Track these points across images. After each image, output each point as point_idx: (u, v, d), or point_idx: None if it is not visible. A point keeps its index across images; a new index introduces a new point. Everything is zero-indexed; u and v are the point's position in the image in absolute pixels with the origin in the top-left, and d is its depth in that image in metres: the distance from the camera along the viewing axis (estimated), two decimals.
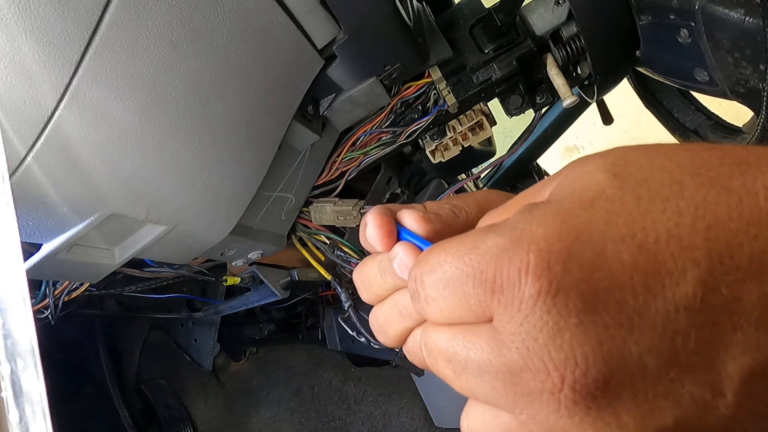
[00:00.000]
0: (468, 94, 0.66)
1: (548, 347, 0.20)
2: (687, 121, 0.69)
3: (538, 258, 0.20)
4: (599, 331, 0.20)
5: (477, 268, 0.22)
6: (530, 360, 0.20)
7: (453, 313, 0.23)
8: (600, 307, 0.20)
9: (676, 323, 0.20)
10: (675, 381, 0.20)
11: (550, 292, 0.20)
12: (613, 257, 0.20)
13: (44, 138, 0.40)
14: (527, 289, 0.20)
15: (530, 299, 0.20)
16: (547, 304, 0.20)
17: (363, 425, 1.20)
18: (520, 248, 0.21)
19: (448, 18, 0.66)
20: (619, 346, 0.20)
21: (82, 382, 1.13)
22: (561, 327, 0.20)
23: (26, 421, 0.27)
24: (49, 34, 0.37)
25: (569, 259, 0.20)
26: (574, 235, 0.21)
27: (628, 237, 0.20)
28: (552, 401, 0.20)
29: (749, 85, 0.48)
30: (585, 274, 0.20)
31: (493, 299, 0.21)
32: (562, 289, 0.20)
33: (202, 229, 0.61)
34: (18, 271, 0.29)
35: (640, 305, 0.20)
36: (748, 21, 0.44)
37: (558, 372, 0.20)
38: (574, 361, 0.20)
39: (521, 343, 0.21)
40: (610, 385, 0.20)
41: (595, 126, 0.91)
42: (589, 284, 0.20)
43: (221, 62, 0.47)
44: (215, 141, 0.52)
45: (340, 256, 0.77)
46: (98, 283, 0.65)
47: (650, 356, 0.20)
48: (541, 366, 0.20)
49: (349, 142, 0.73)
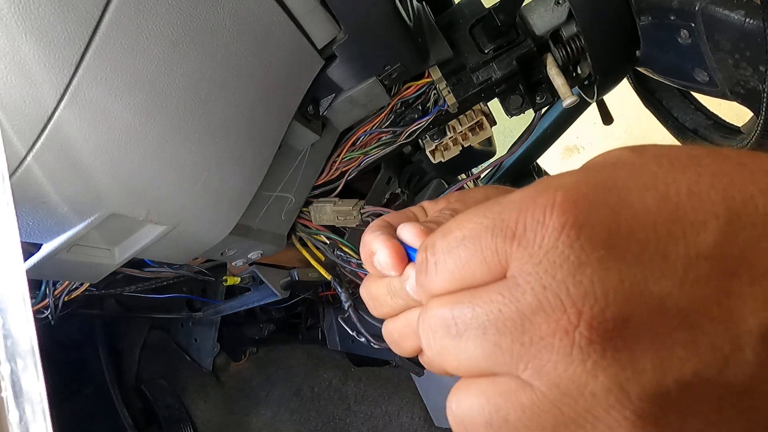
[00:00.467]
0: (468, 94, 0.66)
1: (567, 283, 0.19)
2: (686, 121, 0.69)
3: (565, 196, 0.20)
4: (621, 269, 0.19)
5: (498, 218, 0.21)
6: (545, 299, 0.20)
7: (463, 273, 0.22)
8: (623, 244, 0.20)
9: (697, 269, 0.19)
10: (695, 328, 0.19)
11: (576, 225, 0.20)
12: (637, 202, 0.20)
13: (44, 138, 0.40)
14: (551, 223, 0.20)
15: (554, 233, 0.20)
16: (571, 237, 0.20)
17: (363, 425, 1.20)
18: (547, 192, 0.21)
19: (448, 18, 0.66)
20: (640, 285, 0.19)
21: (82, 382, 1.13)
22: (582, 261, 0.19)
23: (26, 421, 0.27)
24: (49, 34, 0.37)
25: (595, 200, 0.20)
26: (600, 181, 0.21)
27: (651, 187, 0.21)
28: (564, 343, 0.19)
29: (749, 86, 0.48)
30: (611, 212, 0.20)
31: (512, 244, 0.21)
32: (588, 224, 0.20)
33: (202, 229, 0.61)
34: (18, 271, 0.29)
35: (662, 248, 0.20)
36: (748, 22, 0.44)
37: (575, 308, 0.19)
38: (594, 296, 0.19)
39: (538, 282, 0.20)
40: (630, 324, 0.19)
41: (595, 126, 0.91)
42: (615, 222, 0.20)
43: (221, 62, 0.47)
44: (215, 141, 0.52)
45: (340, 256, 0.77)
46: (98, 283, 0.65)
47: (671, 299, 0.19)
48: (557, 304, 0.19)
49: (349, 142, 0.73)
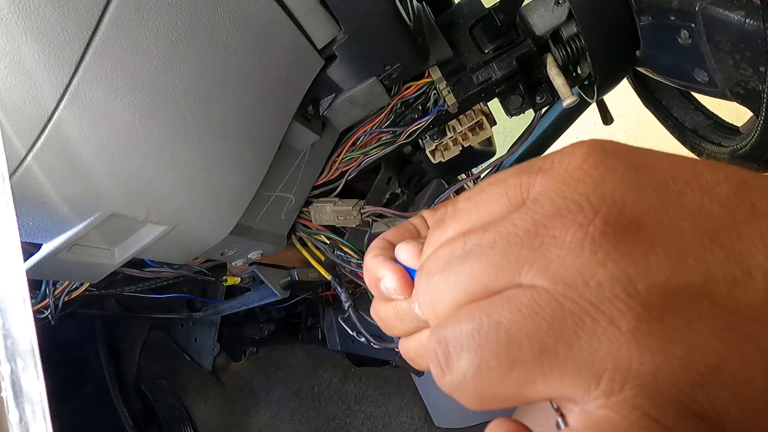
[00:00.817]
0: (468, 94, 0.66)
1: (588, 193, 0.21)
2: (686, 121, 0.69)
3: (593, 140, 0.23)
4: (641, 188, 0.21)
5: (527, 165, 0.23)
6: (564, 205, 0.21)
7: (486, 209, 0.24)
8: (644, 172, 0.21)
9: (710, 206, 0.21)
10: (706, 249, 0.20)
11: (603, 152, 0.22)
12: (657, 158, 0.23)
13: (44, 138, 0.40)
14: (579, 152, 0.22)
15: (580, 158, 0.22)
16: (597, 160, 0.22)
17: (363, 425, 1.20)
18: (574, 145, 0.23)
19: (448, 18, 0.66)
20: (656, 204, 0.21)
21: (82, 382, 1.13)
22: (605, 178, 0.21)
23: (26, 421, 0.27)
24: (49, 34, 0.37)
25: (622, 146, 0.23)
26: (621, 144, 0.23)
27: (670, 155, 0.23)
28: (577, 236, 0.20)
29: (749, 86, 0.48)
30: (635, 155, 0.22)
31: (537, 176, 0.23)
32: (614, 152, 0.22)
33: (202, 229, 0.61)
34: (18, 271, 0.29)
35: (679, 186, 0.21)
36: (748, 23, 0.44)
37: (593, 208, 0.20)
38: (613, 200, 0.21)
39: (558, 194, 0.21)
40: (645, 225, 0.20)
41: (595, 126, 0.91)
42: (638, 158, 0.22)
43: (221, 62, 0.47)
44: (215, 141, 0.52)
45: (340, 256, 0.77)
46: (98, 283, 0.65)
47: (684, 221, 0.20)
48: (575, 207, 0.21)
49: (349, 142, 0.73)
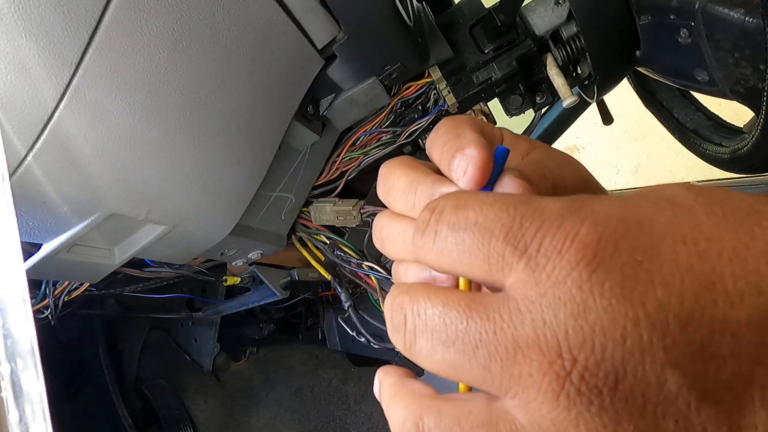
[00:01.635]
0: (468, 94, 0.66)
1: (567, 325, 0.18)
2: (687, 121, 0.69)
3: (591, 228, 0.19)
4: (628, 325, 0.18)
5: (518, 223, 0.20)
6: (544, 335, 0.18)
7: (461, 261, 0.21)
8: (638, 298, 0.18)
9: (717, 347, 0.18)
10: (691, 407, 0.18)
11: (590, 265, 0.18)
12: (668, 255, 0.18)
13: (44, 138, 0.40)
14: (568, 256, 0.19)
15: (566, 266, 0.18)
16: (582, 276, 0.18)
17: (363, 425, 1.20)
18: (576, 216, 0.19)
19: (448, 18, 0.66)
20: (643, 349, 0.18)
21: (82, 382, 1.13)
22: (588, 307, 0.18)
23: (26, 421, 0.27)
24: (49, 34, 0.37)
25: (622, 240, 0.19)
26: (635, 220, 0.19)
27: (690, 241, 0.19)
28: (553, 387, 0.18)
29: (749, 85, 0.48)
30: (634, 260, 0.18)
31: (521, 260, 0.19)
32: (604, 266, 0.18)
33: (202, 229, 0.61)
34: (18, 271, 0.29)
35: (683, 314, 0.18)
36: (748, 21, 0.44)
37: (570, 354, 0.18)
38: (591, 347, 0.18)
39: (539, 314, 0.19)
40: (621, 385, 0.18)
41: (595, 126, 0.91)
42: (635, 271, 0.18)
43: (221, 62, 0.47)
44: (215, 141, 0.52)
45: (340, 256, 0.77)
46: (98, 283, 0.65)
47: (674, 372, 0.18)
48: (554, 345, 0.18)
49: (349, 142, 0.73)
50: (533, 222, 0.20)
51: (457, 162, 0.24)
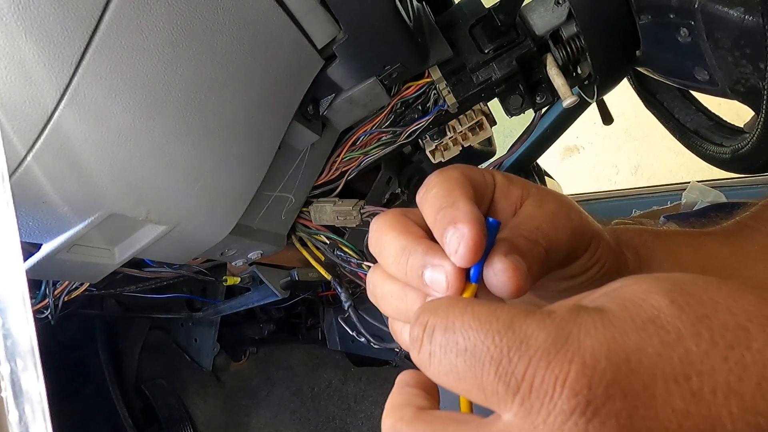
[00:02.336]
0: (468, 94, 0.66)
1: None
2: (688, 122, 0.69)
3: (579, 372, 0.18)
4: None
5: (506, 356, 0.19)
6: None
7: (458, 385, 0.21)
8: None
9: None
10: None
11: (585, 414, 0.18)
12: (662, 397, 0.18)
13: (44, 138, 0.40)
14: (560, 403, 0.18)
15: (561, 414, 0.18)
16: (579, 426, 0.18)
17: (363, 425, 1.20)
18: (563, 354, 0.19)
19: (448, 18, 0.66)
20: None
21: (82, 382, 1.13)
22: None
23: (26, 421, 0.27)
24: (49, 34, 0.37)
25: (613, 384, 0.18)
26: (623, 358, 0.18)
27: (681, 378, 0.18)
28: None
29: (749, 83, 0.48)
30: (628, 406, 0.18)
31: (515, 398, 0.19)
32: (599, 416, 0.18)
33: (202, 229, 0.61)
34: (18, 271, 0.29)
35: None
36: (747, 19, 0.44)
37: None
38: None
39: None
40: None
41: (595, 126, 0.91)
42: (631, 420, 0.17)
43: (221, 62, 0.47)
44: (215, 141, 0.52)
45: (340, 256, 0.77)
46: (98, 283, 0.65)
47: None
48: None
49: (349, 142, 0.73)
50: (521, 357, 0.19)
51: (449, 237, 0.24)
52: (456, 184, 0.26)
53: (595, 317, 0.20)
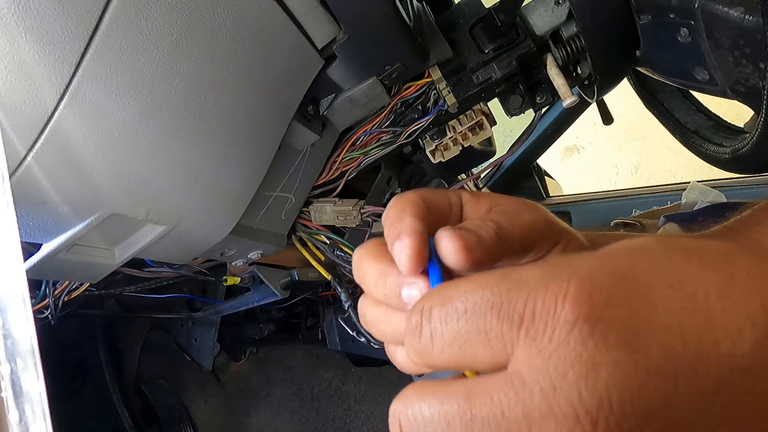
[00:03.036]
0: (468, 94, 0.66)
1: (579, 386, 0.17)
2: (688, 122, 0.69)
3: (579, 286, 0.18)
4: (641, 376, 0.17)
5: (506, 298, 0.19)
6: (556, 403, 0.17)
7: (464, 351, 0.20)
8: (644, 348, 0.17)
9: (732, 386, 0.17)
10: None
11: (590, 320, 0.18)
12: (660, 300, 0.18)
13: (44, 138, 0.40)
14: (563, 315, 0.18)
15: (565, 326, 0.18)
16: (584, 333, 0.18)
17: (363, 425, 1.20)
18: (560, 277, 0.19)
19: (448, 18, 0.66)
20: (663, 398, 0.17)
21: (82, 382, 1.13)
22: (597, 363, 0.17)
23: (26, 421, 0.27)
24: (49, 34, 0.37)
25: (613, 293, 0.18)
26: (619, 272, 0.19)
27: (677, 285, 0.18)
28: None
29: (749, 83, 0.48)
30: (630, 310, 0.18)
31: (519, 333, 0.19)
32: (604, 319, 0.18)
33: (202, 229, 0.61)
34: (18, 271, 0.29)
35: (691, 358, 0.17)
36: (747, 19, 0.44)
37: (589, 418, 0.17)
38: (610, 405, 0.17)
39: (547, 381, 0.18)
40: (649, 428, 0.17)
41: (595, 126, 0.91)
42: (635, 321, 0.18)
43: (221, 62, 0.47)
44: (215, 141, 0.52)
45: (340, 256, 0.77)
46: (98, 283, 0.65)
47: (699, 417, 0.17)
48: (569, 411, 0.17)
49: (349, 142, 0.73)
50: (519, 293, 0.19)
51: (396, 249, 0.25)
52: (408, 204, 0.26)
53: (587, 253, 0.21)
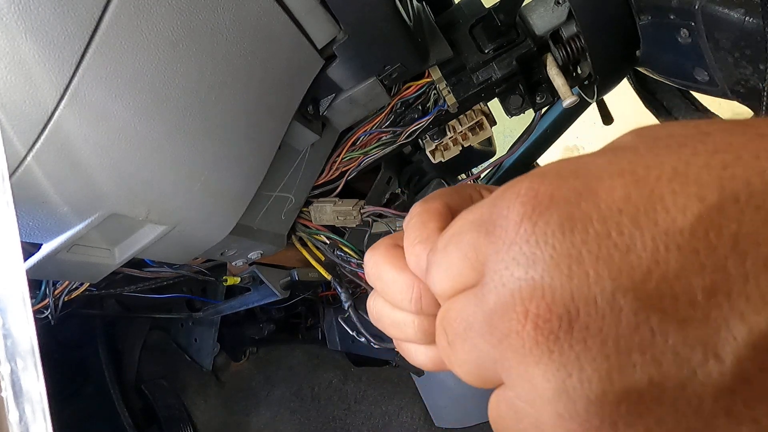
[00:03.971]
0: (468, 94, 0.66)
1: (520, 280, 0.18)
2: None
3: (528, 186, 0.19)
4: (572, 264, 0.17)
5: (478, 212, 0.21)
6: (503, 297, 0.19)
7: (453, 272, 0.21)
8: (578, 238, 0.18)
9: (666, 264, 0.17)
10: (656, 333, 0.17)
11: (531, 218, 0.18)
12: (604, 190, 0.18)
13: (44, 138, 0.40)
14: (512, 216, 0.19)
15: (513, 226, 0.19)
16: (527, 231, 0.18)
17: (363, 425, 1.20)
18: (517, 183, 0.20)
19: (448, 18, 0.66)
20: (591, 281, 0.17)
21: (82, 382, 1.13)
22: (536, 257, 0.18)
23: (26, 421, 0.27)
24: (49, 34, 0.37)
25: (559, 188, 0.19)
26: (572, 169, 0.19)
27: (627, 173, 0.18)
28: (518, 343, 0.18)
29: (749, 84, 0.48)
30: (569, 202, 0.18)
31: (486, 239, 0.20)
32: (543, 215, 0.18)
33: (202, 229, 0.61)
34: (18, 271, 0.29)
35: (624, 241, 0.17)
36: (747, 21, 0.44)
37: (523, 306, 0.18)
38: (541, 293, 0.18)
39: (499, 279, 0.19)
40: (575, 325, 0.17)
41: (595, 126, 0.91)
42: (571, 212, 0.18)
43: (221, 62, 0.47)
44: (215, 141, 0.52)
45: (340, 256, 0.77)
46: (98, 283, 0.65)
47: (627, 298, 0.17)
48: (510, 301, 0.18)
49: (349, 142, 0.73)
50: (487, 204, 0.21)
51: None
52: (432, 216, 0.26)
53: (556, 161, 0.21)
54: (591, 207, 0.18)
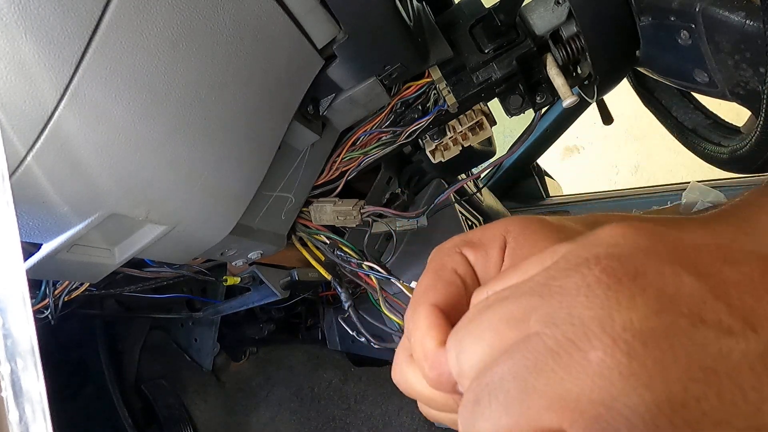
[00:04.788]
0: (468, 94, 0.66)
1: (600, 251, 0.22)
2: (686, 120, 0.69)
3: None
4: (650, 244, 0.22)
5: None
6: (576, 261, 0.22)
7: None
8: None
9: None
10: (707, 302, 0.19)
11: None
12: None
13: (44, 138, 0.40)
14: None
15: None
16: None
17: (363, 425, 1.20)
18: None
19: (448, 18, 0.66)
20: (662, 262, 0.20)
21: (82, 382, 1.13)
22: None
23: (26, 421, 0.27)
24: (49, 34, 0.37)
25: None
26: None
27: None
28: (576, 283, 0.21)
29: (749, 87, 0.48)
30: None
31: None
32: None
33: (202, 229, 0.61)
34: (18, 271, 0.29)
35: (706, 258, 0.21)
36: (748, 24, 0.44)
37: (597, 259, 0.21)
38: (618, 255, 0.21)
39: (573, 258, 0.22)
40: (645, 274, 0.20)
41: (595, 126, 0.91)
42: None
43: (221, 62, 0.47)
44: (215, 141, 0.52)
45: (340, 256, 0.77)
46: (98, 283, 0.65)
47: (689, 276, 0.20)
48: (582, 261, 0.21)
49: (349, 142, 0.73)
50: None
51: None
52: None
53: None
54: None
